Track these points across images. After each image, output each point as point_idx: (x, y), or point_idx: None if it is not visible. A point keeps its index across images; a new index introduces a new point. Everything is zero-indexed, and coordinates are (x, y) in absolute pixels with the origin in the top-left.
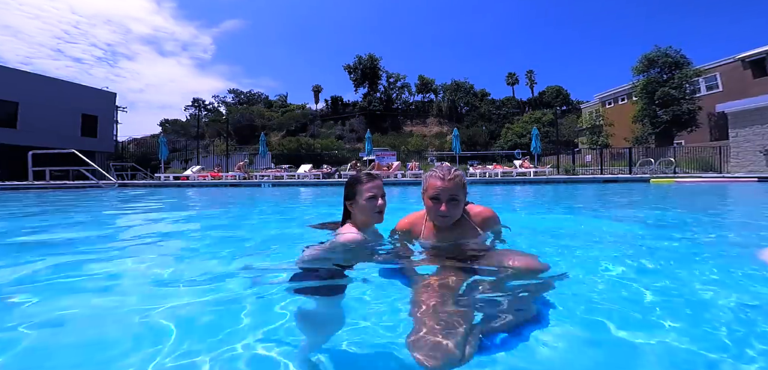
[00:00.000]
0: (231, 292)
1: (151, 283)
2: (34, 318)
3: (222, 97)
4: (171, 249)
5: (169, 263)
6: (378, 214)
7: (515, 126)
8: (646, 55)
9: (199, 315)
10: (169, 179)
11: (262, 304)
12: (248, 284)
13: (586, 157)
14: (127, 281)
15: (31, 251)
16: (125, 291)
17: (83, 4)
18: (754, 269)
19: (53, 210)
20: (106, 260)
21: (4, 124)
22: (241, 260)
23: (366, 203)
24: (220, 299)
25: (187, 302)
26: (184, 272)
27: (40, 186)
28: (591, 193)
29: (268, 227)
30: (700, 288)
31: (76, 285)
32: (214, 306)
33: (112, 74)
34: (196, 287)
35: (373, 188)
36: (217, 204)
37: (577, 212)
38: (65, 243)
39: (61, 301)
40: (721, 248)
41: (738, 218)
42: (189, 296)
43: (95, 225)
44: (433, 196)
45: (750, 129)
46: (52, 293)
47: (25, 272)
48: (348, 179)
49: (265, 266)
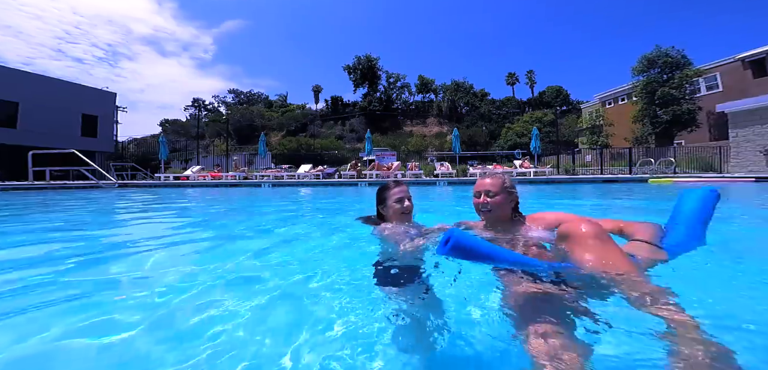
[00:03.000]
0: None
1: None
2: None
3: (222, 98)
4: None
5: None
6: (406, 214)
7: (515, 126)
8: (646, 55)
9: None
10: (169, 179)
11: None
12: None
13: (586, 157)
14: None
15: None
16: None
17: (84, 5)
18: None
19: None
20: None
21: (4, 124)
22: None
23: (395, 205)
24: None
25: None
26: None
27: (41, 186)
28: (591, 192)
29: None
30: (698, 286)
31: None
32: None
33: (112, 74)
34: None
35: (400, 191)
36: (243, 204)
37: (577, 211)
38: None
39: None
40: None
41: (732, 215)
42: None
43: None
44: (475, 192)
45: (750, 129)
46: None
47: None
48: (378, 187)
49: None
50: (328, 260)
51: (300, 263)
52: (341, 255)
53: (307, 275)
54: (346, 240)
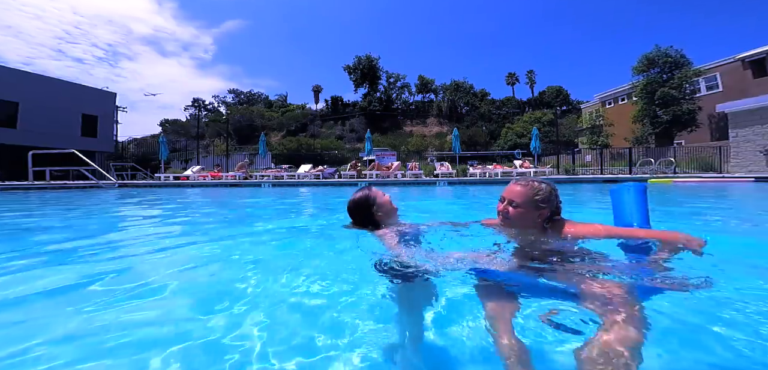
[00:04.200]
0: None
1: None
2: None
3: (222, 97)
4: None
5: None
6: (395, 207)
7: (515, 126)
8: (646, 55)
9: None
10: (169, 179)
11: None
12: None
13: (586, 157)
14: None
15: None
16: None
17: (84, 5)
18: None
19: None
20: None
21: (4, 124)
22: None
23: (386, 203)
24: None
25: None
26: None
27: (41, 186)
28: (591, 192)
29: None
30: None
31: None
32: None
33: (112, 74)
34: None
35: (379, 190)
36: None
37: (577, 210)
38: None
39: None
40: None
41: (727, 214)
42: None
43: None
44: (501, 195)
45: (750, 129)
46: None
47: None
48: (359, 201)
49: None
50: (328, 256)
51: (300, 262)
52: (342, 255)
53: (307, 274)
54: (346, 242)
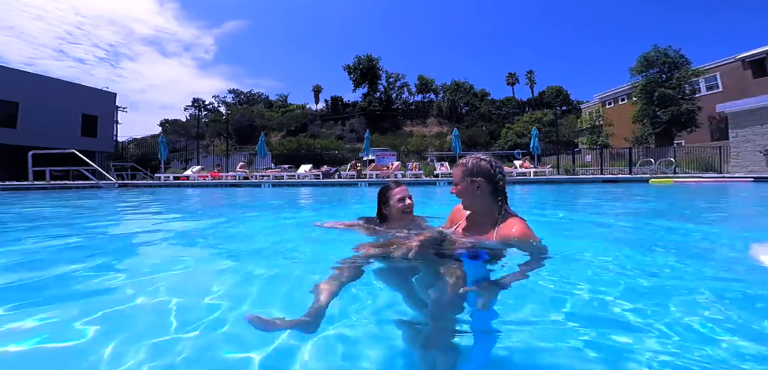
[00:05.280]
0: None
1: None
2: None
3: (222, 98)
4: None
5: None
6: (408, 212)
7: (515, 126)
8: (644, 55)
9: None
10: (169, 179)
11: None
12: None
13: (586, 157)
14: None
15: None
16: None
17: (86, 5)
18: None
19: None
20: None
21: (4, 124)
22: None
23: (397, 204)
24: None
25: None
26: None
27: (41, 186)
28: (591, 192)
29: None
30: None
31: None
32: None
33: (114, 75)
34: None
35: (401, 191)
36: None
37: (577, 210)
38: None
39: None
40: (709, 242)
41: (725, 213)
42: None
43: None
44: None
45: (750, 129)
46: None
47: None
48: (380, 188)
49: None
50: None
51: (300, 262)
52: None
53: (306, 273)
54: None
